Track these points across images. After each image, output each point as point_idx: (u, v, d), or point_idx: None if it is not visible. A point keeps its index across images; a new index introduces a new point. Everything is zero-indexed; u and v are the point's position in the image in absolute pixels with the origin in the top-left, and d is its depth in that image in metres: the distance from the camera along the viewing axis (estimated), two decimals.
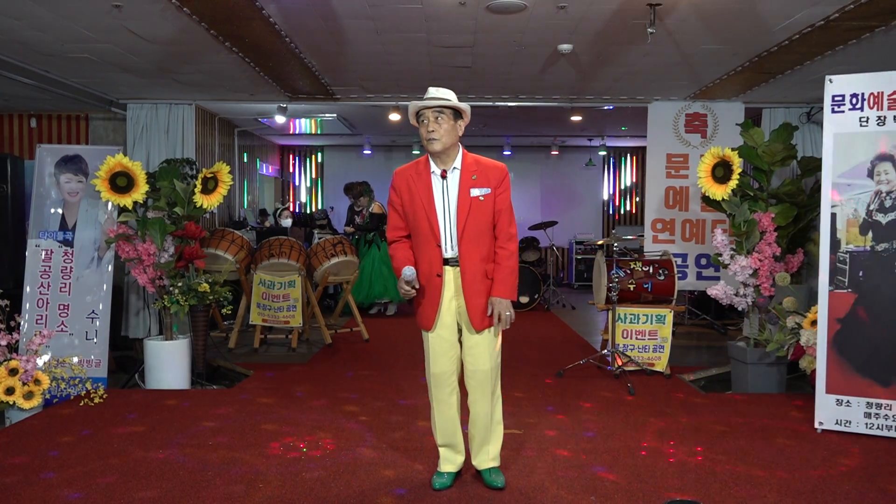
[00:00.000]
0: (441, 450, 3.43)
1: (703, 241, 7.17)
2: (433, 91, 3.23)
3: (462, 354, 3.35)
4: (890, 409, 4.08)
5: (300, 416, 4.55)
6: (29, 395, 4.62)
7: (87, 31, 4.89)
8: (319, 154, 13.01)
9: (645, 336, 5.83)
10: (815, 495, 3.28)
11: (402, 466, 3.65)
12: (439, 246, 3.22)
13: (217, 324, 7.28)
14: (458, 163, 3.26)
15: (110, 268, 5.66)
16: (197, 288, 5.41)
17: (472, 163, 3.27)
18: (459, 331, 3.34)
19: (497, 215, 3.26)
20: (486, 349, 3.28)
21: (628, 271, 5.91)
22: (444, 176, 3.24)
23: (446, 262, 3.25)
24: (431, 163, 3.28)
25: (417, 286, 3.23)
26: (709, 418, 4.52)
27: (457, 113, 3.24)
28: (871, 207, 4.17)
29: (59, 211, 5.67)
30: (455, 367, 3.35)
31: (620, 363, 5.66)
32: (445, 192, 3.24)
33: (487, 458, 3.41)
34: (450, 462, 3.42)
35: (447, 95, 3.22)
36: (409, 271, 3.18)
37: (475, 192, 3.22)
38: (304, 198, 12.97)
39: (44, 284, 5.54)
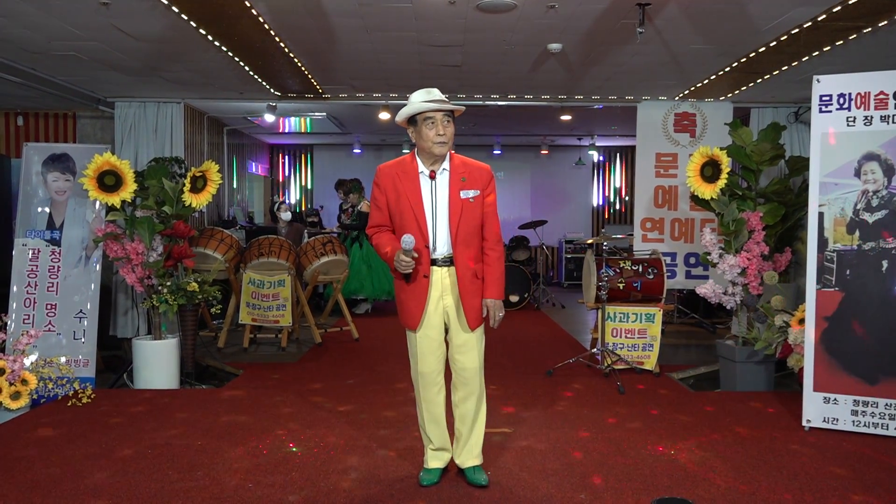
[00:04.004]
0: (428, 447, 3.43)
1: (692, 239, 7.21)
2: (436, 93, 3.21)
3: (450, 353, 3.35)
4: (876, 407, 4.11)
5: (290, 416, 4.54)
6: (16, 396, 4.59)
7: (75, 29, 4.85)
8: (309, 153, 12.98)
9: (634, 335, 5.86)
10: (802, 493, 3.31)
11: (392, 464, 3.65)
12: (427, 246, 3.22)
13: (206, 323, 7.25)
14: (446, 164, 3.27)
15: (98, 267, 5.63)
16: (186, 287, 5.38)
17: (459, 164, 3.28)
18: (445, 330, 3.35)
19: (485, 217, 3.29)
20: (475, 348, 3.31)
21: (618, 270, 5.93)
22: (432, 176, 3.24)
23: (433, 262, 3.25)
24: (419, 162, 3.27)
25: (417, 256, 3.17)
26: (698, 416, 4.54)
27: (453, 116, 3.26)
28: (858, 206, 4.20)
29: (47, 210, 5.63)
30: (442, 366, 3.36)
31: (610, 362, 5.68)
32: (434, 193, 3.24)
33: (471, 456, 3.41)
34: (437, 458, 3.43)
35: (446, 99, 3.22)
36: (409, 237, 3.08)
37: (465, 193, 3.23)
38: (293, 197, 12.93)
39: (31, 284, 5.50)
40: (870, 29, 4.76)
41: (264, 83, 6.66)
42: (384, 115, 7.74)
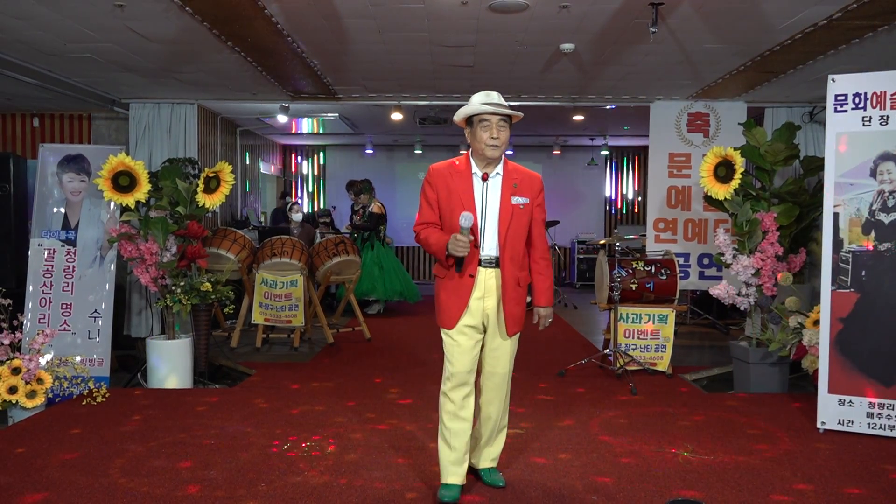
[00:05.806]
0: (447, 460, 3.25)
1: (705, 240, 7.17)
2: (495, 97, 3.23)
3: (482, 356, 3.32)
4: (892, 409, 4.07)
5: (302, 416, 4.56)
6: (32, 394, 4.63)
7: (90, 31, 4.89)
8: (321, 153, 13.03)
9: (647, 335, 5.83)
10: (817, 495, 3.28)
11: (404, 467, 3.65)
12: (476, 246, 3.21)
13: (219, 323, 7.29)
14: (500, 168, 3.27)
15: (113, 267, 5.67)
16: (199, 287, 5.41)
17: (512, 170, 3.29)
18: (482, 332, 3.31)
19: (534, 225, 3.30)
20: (508, 353, 3.31)
21: (630, 271, 5.91)
22: (485, 178, 3.23)
23: (479, 262, 3.24)
24: (473, 164, 3.27)
25: (472, 238, 3.15)
26: (711, 418, 4.51)
27: (509, 120, 3.26)
28: (874, 207, 4.16)
29: (62, 210, 5.68)
30: (474, 368, 3.29)
31: (622, 363, 5.65)
32: (485, 195, 3.23)
33: (488, 458, 3.41)
34: (455, 474, 3.25)
35: (505, 103, 3.23)
36: (468, 214, 3.07)
37: (516, 199, 3.23)
38: (306, 198, 12.98)
39: (46, 283, 5.54)
40: (885, 27, 4.72)
41: (277, 84, 6.68)
42: (396, 116, 7.74)
